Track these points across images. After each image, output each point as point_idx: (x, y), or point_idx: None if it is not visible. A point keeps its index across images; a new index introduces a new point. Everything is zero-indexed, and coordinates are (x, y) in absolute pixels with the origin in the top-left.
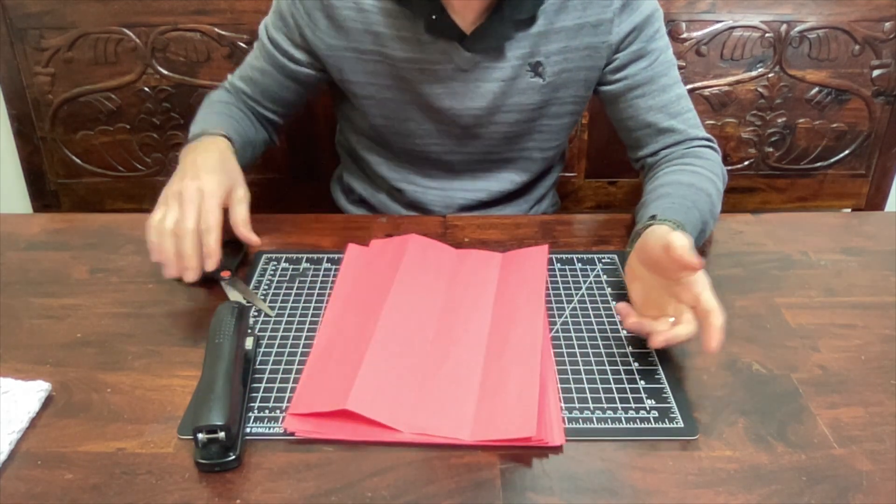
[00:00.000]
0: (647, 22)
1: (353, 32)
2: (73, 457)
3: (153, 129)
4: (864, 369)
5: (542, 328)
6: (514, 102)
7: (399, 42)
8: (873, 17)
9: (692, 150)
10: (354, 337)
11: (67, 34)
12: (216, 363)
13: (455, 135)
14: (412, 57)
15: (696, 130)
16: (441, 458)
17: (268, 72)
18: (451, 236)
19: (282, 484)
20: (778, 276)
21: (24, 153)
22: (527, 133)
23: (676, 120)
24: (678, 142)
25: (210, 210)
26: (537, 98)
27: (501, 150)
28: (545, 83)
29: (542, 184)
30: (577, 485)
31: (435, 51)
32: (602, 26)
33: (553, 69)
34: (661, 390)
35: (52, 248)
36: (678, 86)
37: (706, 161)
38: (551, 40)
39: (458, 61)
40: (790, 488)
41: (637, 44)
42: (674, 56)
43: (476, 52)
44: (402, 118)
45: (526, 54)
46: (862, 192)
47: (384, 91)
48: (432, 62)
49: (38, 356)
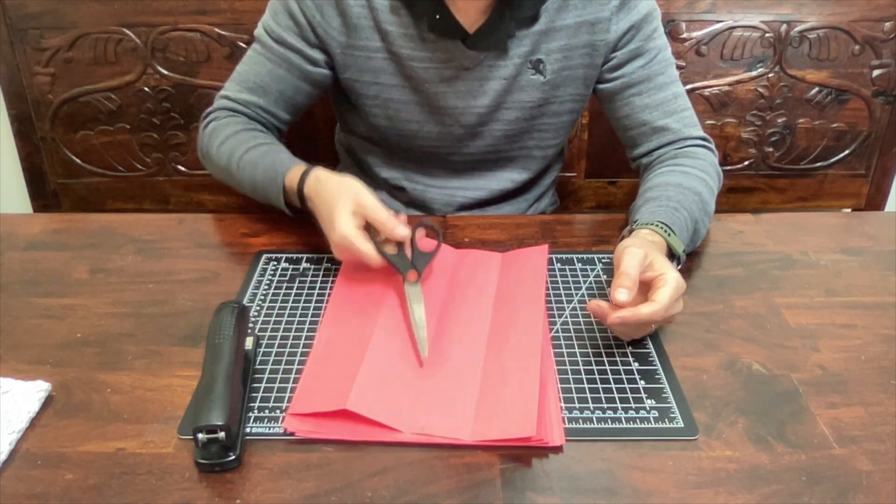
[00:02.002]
0: (644, 21)
1: (363, 30)
2: (73, 457)
3: (153, 129)
4: (864, 369)
5: (543, 328)
6: (515, 100)
7: (406, 40)
8: (873, 17)
9: (685, 150)
10: (354, 337)
11: (67, 34)
12: (216, 363)
13: (457, 135)
14: (418, 55)
15: (692, 130)
16: (441, 458)
17: (281, 77)
18: (451, 236)
19: (282, 484)
20: (778, 276)
21: (24, 153)
22: (527, 131)
23: (672, 119)
24: (672, 141)
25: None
26: (538, 96)
27: (502, 149)
28: (545, 81)
29: (542, 183)
30: (577, 485)
31: (439, 49)
32: (600, 24)
33: (553, 67)
34: (661, 390)
35: (52, 248)
36: (675, 84)
37: (698, 160)
38: (552, 38)
39: (462, 60)
40: (790, 488)
41: (634, 42)
42: (672, 55)
43: (479, 50)
44: (404, 119)
45: (527, 52)
46: (862, 192)
47: (389, 91)
48: (437, 61)
49: (38, 356)
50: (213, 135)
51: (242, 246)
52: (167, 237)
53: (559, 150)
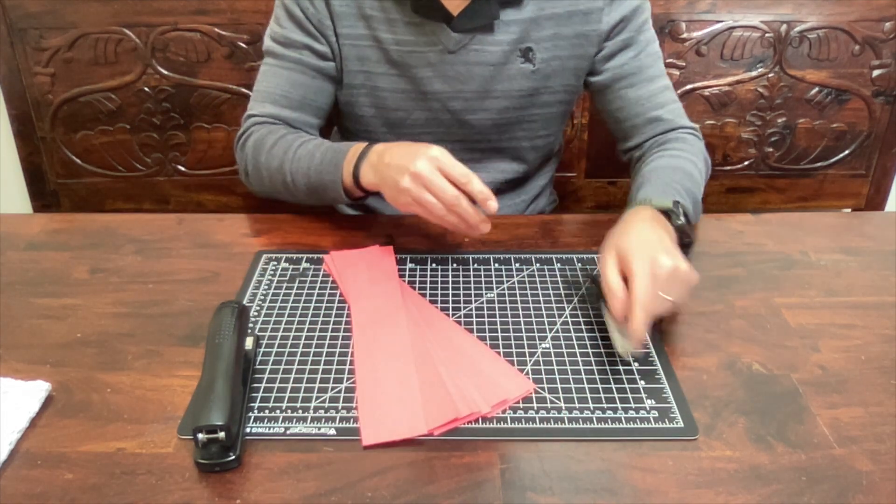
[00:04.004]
0: (635, 13)
1: (347, 17)
2: (73, 457)
3: (153, 129)
4: (864, 369)
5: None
6: (503, 89)
7: (389, 24)
8: (873, 17)
9: (675, 136)
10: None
11: (67, 34)
12: (216, 363)
13: (445, 122)
14: (402, 39)
15: (682, 120)
16: (441, 458)
17: (300, 82)
18: (451, 236)
19: (282, 484)
20: (778, 276)
21: (24, 153)
22: (517, 122)
23: (664, 110)
24: (664, 131)
25: (452, 165)
26: (527, 85)
27: (491, 139)
28: (535, 69)
29: (536, 181)
30: (577, 485)
31: (423, 33)
32: (592, 14)
33: (543, 56)
34: (661, 390)
35: (52, 248)
36: (664, 77)
37: (687, 146)
38: (542, 26)
39: (446, 42)
40: (790, 488)
41: (625, 33)
42: (659, 49)
43: (464, 32)
44: (391, 107)
45: (516, 39)
46: (862, 192)
47: (375, 78)
48: (421, 44)
49: (38, 356)
50: (259, 144)
51: (242, 246)
52: (167, 237)
53: (552, 146)
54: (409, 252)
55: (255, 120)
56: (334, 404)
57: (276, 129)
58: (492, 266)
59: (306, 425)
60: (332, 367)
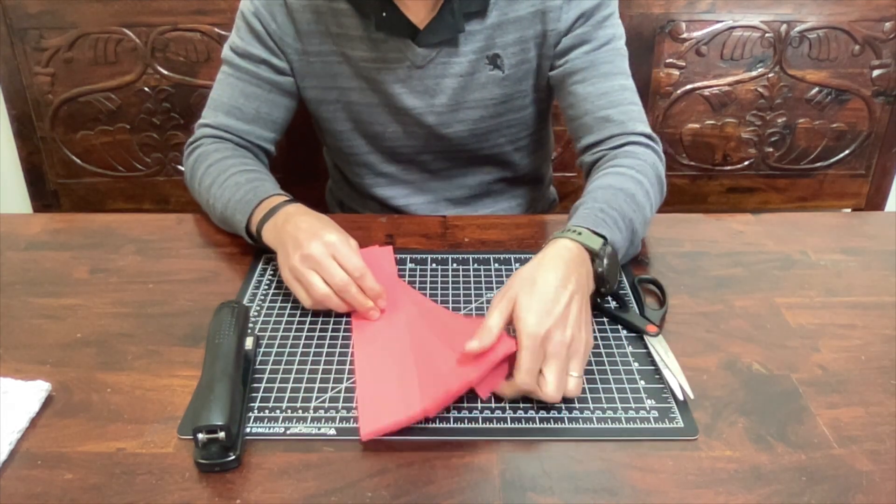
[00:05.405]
0: (596, 9)
1: (314, 35)
2: (73, 457)
3: (153, 129)
4: (864, 369)
5: None
6: (476, 98)
7: (357, 42)
8: (873, 17)
9: (625, 150)
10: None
11: (67, 34)
12: (216, 363)
13: (421, 135)
14: (369, 56)
15: (637, 125)
16: (441, 458)
17: (254, 94)
18: (451, 236)
19: (282, 484)
20: (778, 276)
21: (24, 153)
22: (495, 129)
23: (615, 110)
24: (615, 134)
25: (348, 256)
26: (499, 92)
27: (472, 148)
28: (505, 76)
29: (531, 175)
30: (577, 485)
31: (390, 49)
32: (552, 13)
33: (511, 61)
34: (661, 390)
35: (52, 248)
36: (623, 77)
37: (637, 161)
38: (507, 31)
39: (413, 58)
40: (790, 488)
41: (582, 29)
42: (625, 48)
43: (430, 47)
44: (367, 121)
45: (482, 47)
46: (862, 192)
47: (348, 94)
48: (389, 60)
49: (38, 356)
50: (197, 162)
51: (242, 246)
52: (167, 237)
53: (539, 141)
54: (409, 252)
55: (206, 132)
56: (334, 404)
57: (223, 147)
58: (492, 266)
59: (306, 425)
60: (332, 367)
